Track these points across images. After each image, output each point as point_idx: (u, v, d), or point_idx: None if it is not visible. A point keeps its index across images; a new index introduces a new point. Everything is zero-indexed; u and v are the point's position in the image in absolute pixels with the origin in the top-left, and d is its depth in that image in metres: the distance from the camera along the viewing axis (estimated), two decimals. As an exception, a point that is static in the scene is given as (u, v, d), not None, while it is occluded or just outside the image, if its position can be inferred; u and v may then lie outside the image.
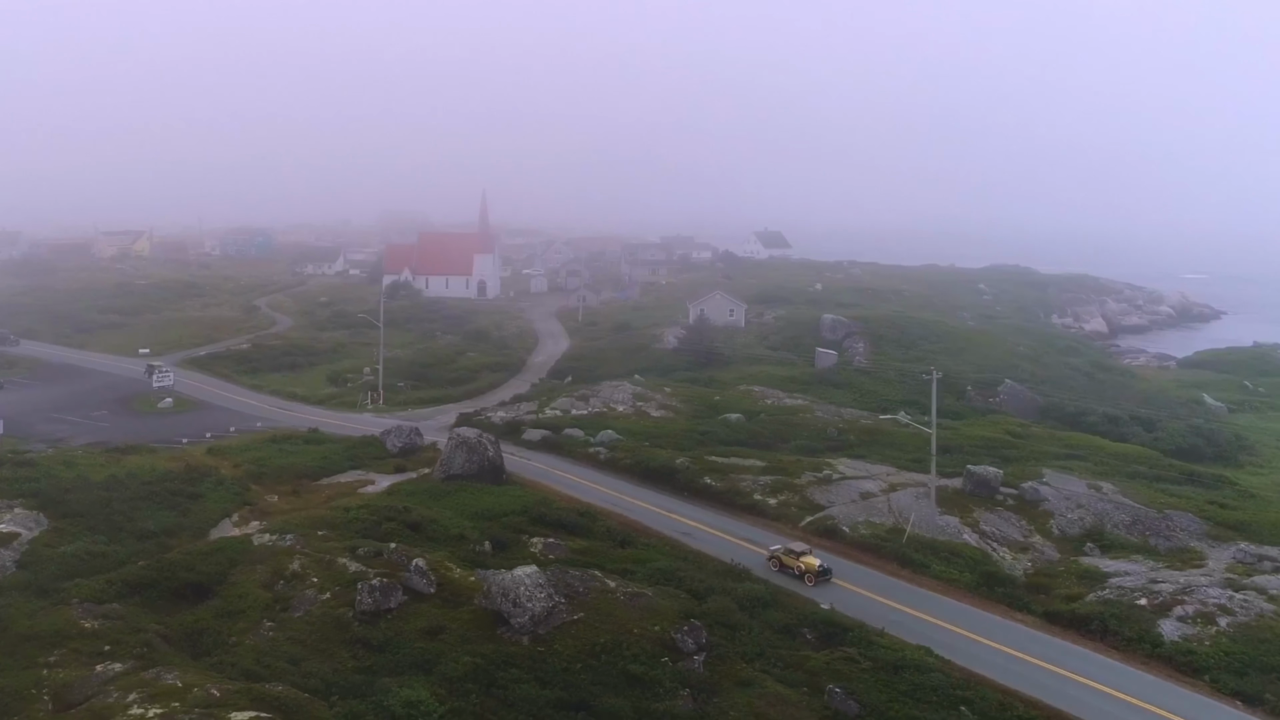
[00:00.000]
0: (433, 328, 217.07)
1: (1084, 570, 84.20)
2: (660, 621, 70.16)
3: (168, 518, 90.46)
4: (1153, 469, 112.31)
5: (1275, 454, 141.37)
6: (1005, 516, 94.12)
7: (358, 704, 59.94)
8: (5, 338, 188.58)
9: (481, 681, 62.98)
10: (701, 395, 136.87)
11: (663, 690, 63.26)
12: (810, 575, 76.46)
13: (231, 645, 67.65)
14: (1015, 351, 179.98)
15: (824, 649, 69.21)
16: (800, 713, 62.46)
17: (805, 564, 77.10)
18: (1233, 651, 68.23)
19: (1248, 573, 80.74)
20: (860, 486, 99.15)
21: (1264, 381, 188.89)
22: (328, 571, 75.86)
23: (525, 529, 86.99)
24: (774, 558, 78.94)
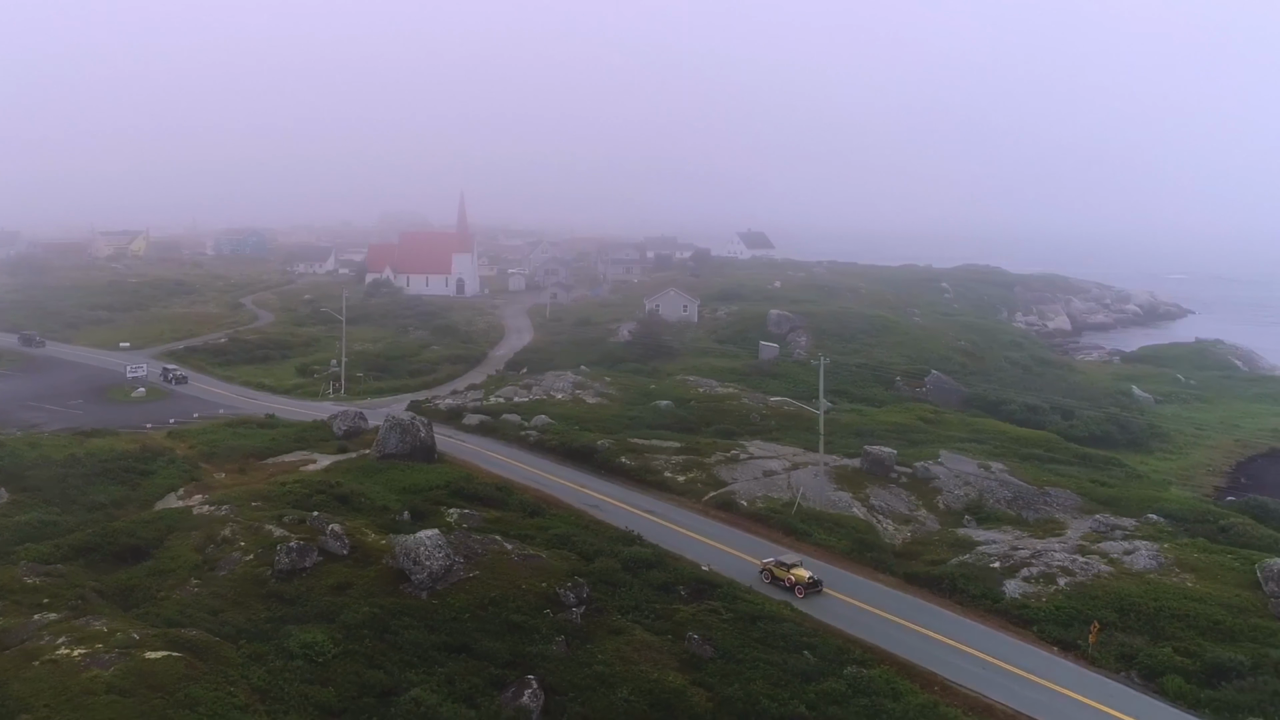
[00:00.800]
0: (406, 323, 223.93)
1: (957, 539, 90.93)
2: (548, 579, 77.01)
3: (118, 491, 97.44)
4: (1049, 451, 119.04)
5: (1188, 441, 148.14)
6: (896, 492, 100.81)
7: (261, 646, 66.98)
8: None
9: (376, 628, 69.84)
10: (637, 384, 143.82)
11: (540, 636, 70.13)
12: (800, 587, 75.19)
13: (159, 599, 74.48)
14: (954, 346, 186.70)
15: (694, 603, 75.93)
16: (661, 656, 69.36)
17: (795, 576, 75.76)
18: (1063, 606, 75.01)
19: (1098, 539, 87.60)
20: (765, 465, 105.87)
21: (1197, 375, 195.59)
22: (255, 536, 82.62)
23: (445, 501, 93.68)
24: (766, 570, 77.56)
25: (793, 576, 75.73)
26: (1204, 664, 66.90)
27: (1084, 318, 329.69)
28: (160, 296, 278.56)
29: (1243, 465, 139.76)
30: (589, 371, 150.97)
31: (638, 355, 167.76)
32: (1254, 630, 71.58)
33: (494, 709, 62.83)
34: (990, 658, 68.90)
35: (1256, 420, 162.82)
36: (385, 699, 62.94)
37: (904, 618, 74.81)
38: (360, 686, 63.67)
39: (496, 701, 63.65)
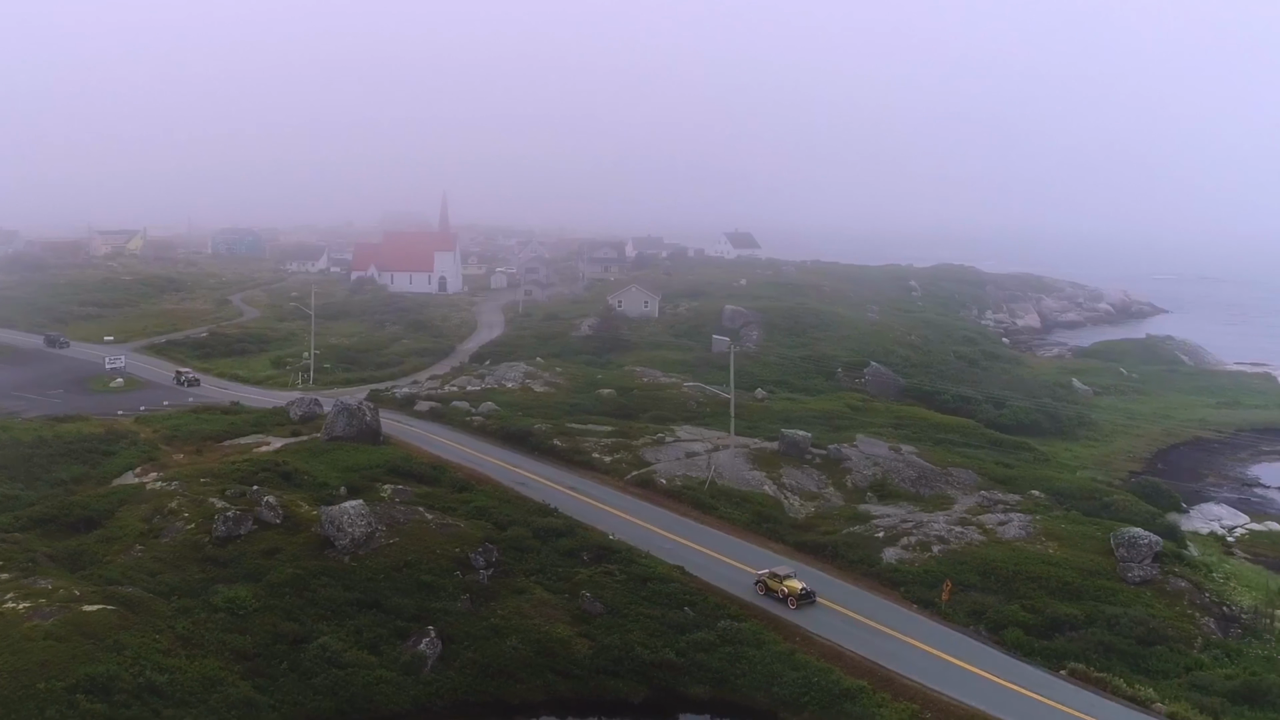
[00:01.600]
0: (383, 319, 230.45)
1: (855, 514, 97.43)
2: (462, 545, 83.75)
3: (79, 470, 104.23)
4: (964, 437, 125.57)
5: (1116, 430, 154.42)
6: (808, 472, 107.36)
7: (190, 601, 73.83)
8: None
9: (297, 586, 76.60)
10: (586, 374, 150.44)
11: (446, 594, 76.96)
12: (793, 598, 74.52)
13: (105, 563, 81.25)
14: (903, 340, 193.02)
15: (593, 566, 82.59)
16: (556, 612, 76.13)
17: (788, 587, 74.97)
18: (931, 569, 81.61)
19: (981, 512, 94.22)
20: (689, 448, 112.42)
21: (1142, 369, 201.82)
22: (198, 508, 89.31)
23: (383, 479, 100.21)
24: (760, 581, 76.83)
25: (785, 588, 74.91)
26: (1044, 619, 73.46)
27: (1055, 316, 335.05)
28: (151, 294, 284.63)
29: (1163, 453, 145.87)
30: (542, 362, 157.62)
31: (595, 348, 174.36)
32: (1098, 590, 78.14)
33: (394, 655, 69.63)
34: (855, 614, 75.42)
35: (1189, 411, 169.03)
36: (296, 646, 69.76)
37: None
38: (275, 636, 70.42)
39: (398, 649, 70.45)
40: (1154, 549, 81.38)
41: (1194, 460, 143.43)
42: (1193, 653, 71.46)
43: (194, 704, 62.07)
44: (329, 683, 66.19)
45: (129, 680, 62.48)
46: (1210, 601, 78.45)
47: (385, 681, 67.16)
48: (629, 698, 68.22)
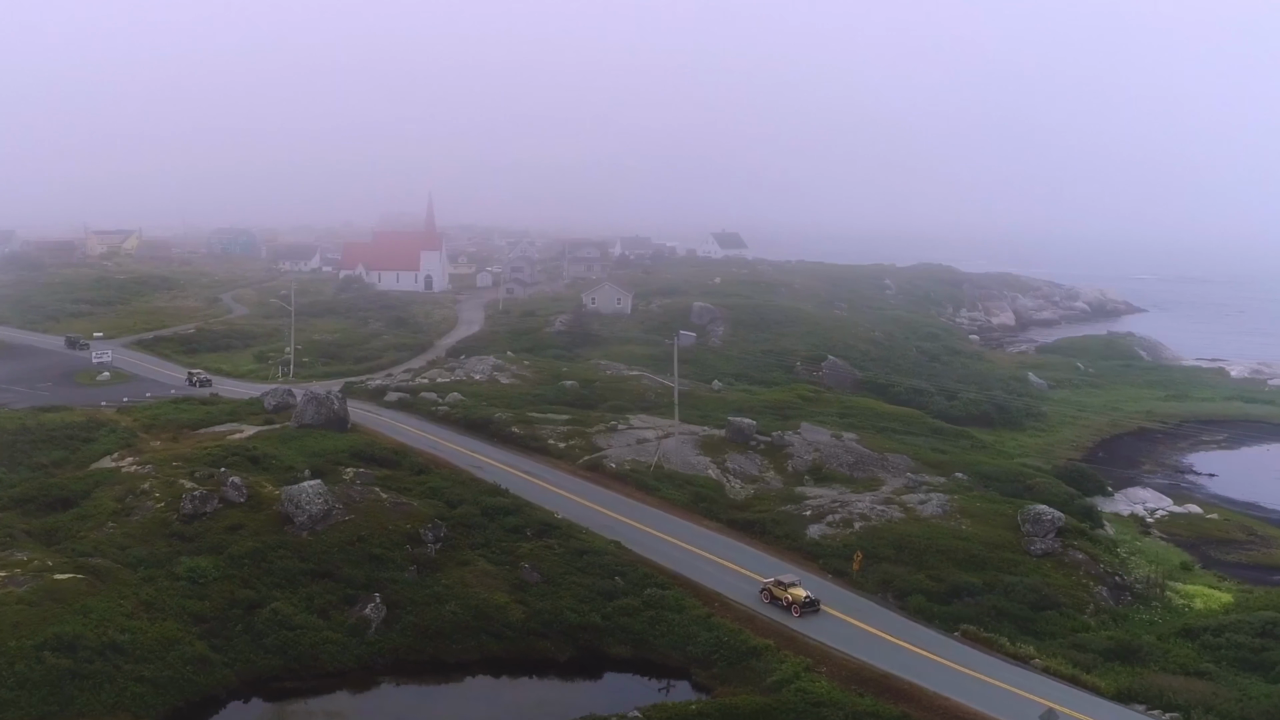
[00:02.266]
0: (367, 316, 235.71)
1: (791, 495, 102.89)
2: (413, 522, 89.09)
3: (59, 455, 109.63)
4: (907, 425, 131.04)
5: (1063, 421, 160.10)
6: (751, 457, 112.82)
7: (155, 571, 79.22)
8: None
9: (256, 558, 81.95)
10: (551, 367, 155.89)
11: (395, 566, 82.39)
12: (796, 606, 73.72)
13: (78, 538, 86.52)
14: (866, 336, 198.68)
15: (535, 540, 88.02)
16: (496, 582, 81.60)
17: (792, 595, 74.20)
18: (850, 544, 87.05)
19: (905, 493, 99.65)
20: (640, 435, 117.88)
21: (1100, 364, 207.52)
22: (169, 489, 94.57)
23: (346, 462, 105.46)
24: (765, 590, 75.96)
25: (789, 596, 74.19)
26: (946, 586, 78.98)
27: (1030, 314, 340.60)
28: (144, 292, 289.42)
29: (1106, 442, 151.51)
30: (512, 356, 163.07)
31: (566, 343, 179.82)
32: (1001, 561, 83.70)
33: (341, 619, 75.14)
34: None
35: (1138, 403, 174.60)
36: (251, 611, 75.25)
37: (712, 553, 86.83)
38: (231, 601, 75.93)
39: (345, 614, 75.94)
40: (1056, 525, 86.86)
41: (1135, 449, 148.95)
42: (1082, 617, 76.95)
43: (152, 660, 67.41)
44: (279, 642, 71.61)
45: (93, 639, 67.68)
46: (1105, 572, 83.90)
47: (331, 642, 72.61)
48: (556, 657, 73.69)
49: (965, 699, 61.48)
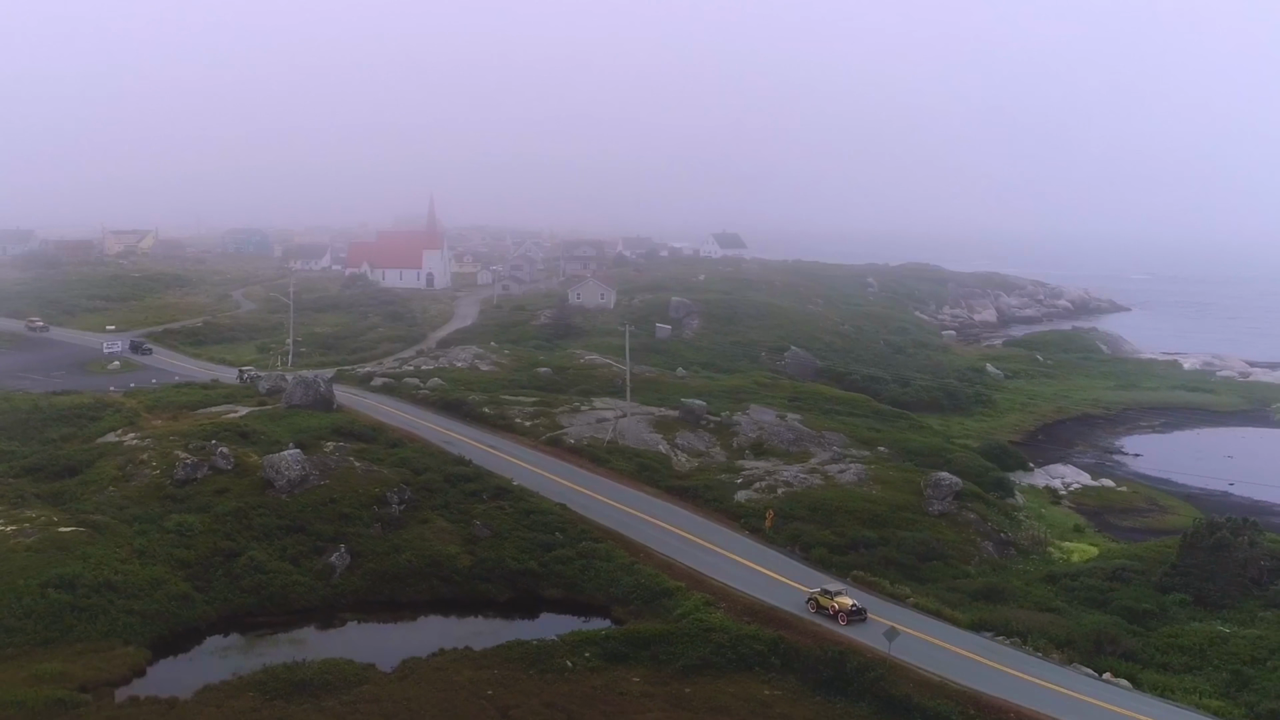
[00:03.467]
0: (367, 311, 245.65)
1: (731, 467, 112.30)
2: (381, 486, 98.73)
3: (67, 431, 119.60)
4: (852, 408, 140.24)
5: (1011, 407, 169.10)
6: (701, 435, 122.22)
7: (148, 525, 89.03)
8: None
9: (238, 516, 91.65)
10: (529, 356, 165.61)
11: (362, 523, 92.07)
12: (843, 615, 72.52)
13: (81, 499, 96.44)
14: (836, 329, 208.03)
15: (489, 503, 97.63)
16: (450, 536, 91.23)
17: (839, 604, 73.17)
18: (788, 514, 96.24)
19: (829, 464, 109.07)
20: (601, 415, 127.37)
21: (1060, 356, 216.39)
22: (164, 458, 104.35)
23: (328, 437, 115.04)
24: (811, 599, 74.99)
25: (836, 604, 73.17)
26: (847, 540, 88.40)
27: (1013, 312, 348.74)
28: (157, 289, 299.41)
29: (1048, 426, 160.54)
30: (494, 346, 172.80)
31: (549, 335, 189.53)
32: (901, 520, 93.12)
33: (310, 566, 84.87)
34: (694, 537, 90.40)
35: (1087, 392, 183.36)
36: (231, 558, 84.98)
37: (646, 513, 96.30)
38: (214, 551, 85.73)
39: (314, 562, 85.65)
40: (954, 489, 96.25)
41: (1074, 432, 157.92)
42: (965, 567, 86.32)
43: (142, 597, 77.16)
44: (253, 584, 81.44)
45: (91, 579, 77.45)
46: (992, 530, 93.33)
47: (299, 584, 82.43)
48: (497, 598, 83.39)
49: (831, 623, 70.77)
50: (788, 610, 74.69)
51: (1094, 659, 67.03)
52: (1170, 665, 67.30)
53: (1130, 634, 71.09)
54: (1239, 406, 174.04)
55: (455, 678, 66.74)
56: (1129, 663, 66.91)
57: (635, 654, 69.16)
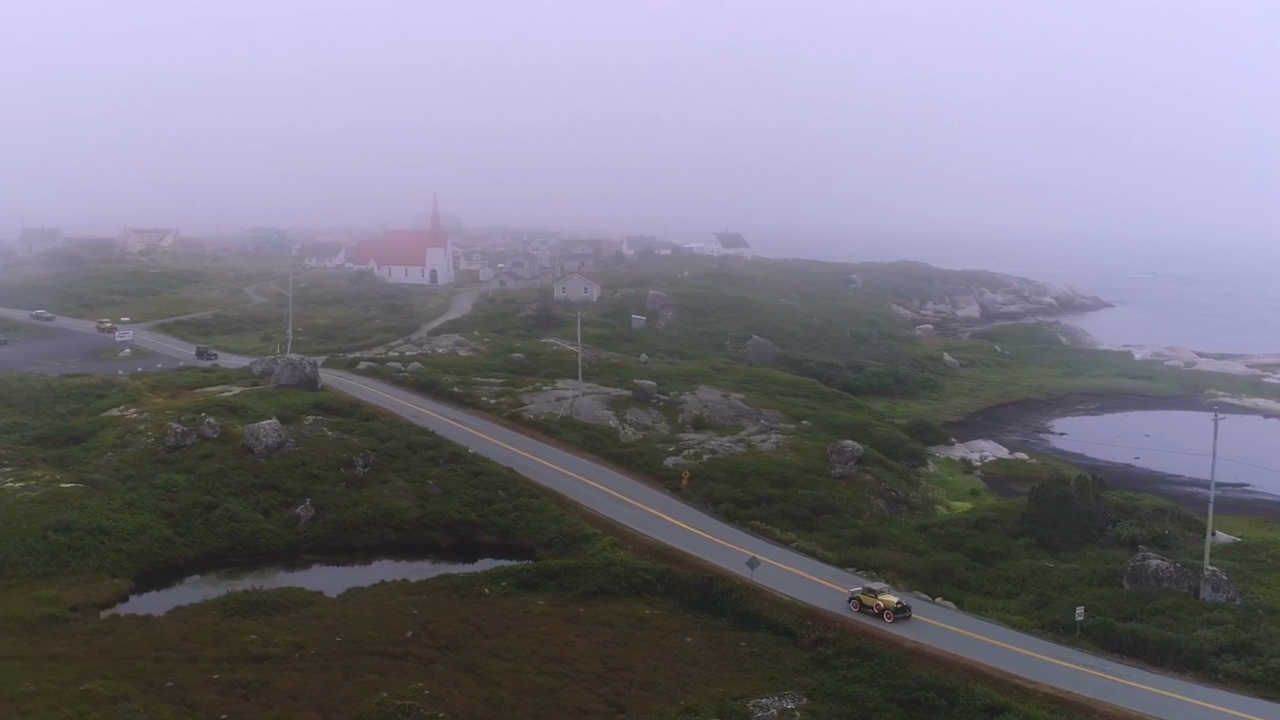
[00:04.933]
0: (369, 304, 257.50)
1: (672, 439, 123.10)
2: (349, 452, 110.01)
3: (75, 406, 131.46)
4: (796, 390, 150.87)
5: (958, 392, 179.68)
6: (650, 412, 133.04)
7: (139, 483, 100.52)
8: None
9: (219, 475, 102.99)
10: (505, 343, 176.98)
11: (327, 482, 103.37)
12: (889, 612, 71.53)
13: (83, 463, 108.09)
14: (805, 321, 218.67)
15: (444, 466, 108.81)
16: (405, 494, 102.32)
17: (884, 602, 72.14)
18: (694, 470, 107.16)
19: (754, 435, 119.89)
20: (560, 394, 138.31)
21: (1020, 347, 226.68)
22: (159, 429, 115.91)
23: (309, 412, 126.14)
24: (854, 599, 73.60)
25: (881, 603, 72.13)
26: (752, 496, 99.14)
27: (997, 307, 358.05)
28: (175, 284, 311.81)
29: (990, 409, 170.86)
30: (478, 335, 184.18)
31: (531, 325, 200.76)
32: (806, 481, 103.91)
33: (279, 516, 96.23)
34: (620, 494, 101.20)
35: (1035, 380, 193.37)
36: (209, 510, 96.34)
37: (582, 475, 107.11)
38: (195, 503, 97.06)
39: (283, 513, 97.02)
40: (856, 455, 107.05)
41: (1011, 415, 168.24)
42: (856, 520, 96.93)
43: (129, 539, 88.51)
44: (227, 530, 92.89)
45: (86, 524, 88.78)
46: (885, 489, 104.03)
47: (268, 531, 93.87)
48: (440, 543, 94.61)
49: (717, 560, 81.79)
50: (682, 549, 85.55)
51: (931, 587, 77.62)
52: (994, 591, 77.98)
53: (969, 569, 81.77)
54: (1173, 392, 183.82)
55: (389, 601, 77.95)
56: (961, 590, 77.51)
57: (544, 583, 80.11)
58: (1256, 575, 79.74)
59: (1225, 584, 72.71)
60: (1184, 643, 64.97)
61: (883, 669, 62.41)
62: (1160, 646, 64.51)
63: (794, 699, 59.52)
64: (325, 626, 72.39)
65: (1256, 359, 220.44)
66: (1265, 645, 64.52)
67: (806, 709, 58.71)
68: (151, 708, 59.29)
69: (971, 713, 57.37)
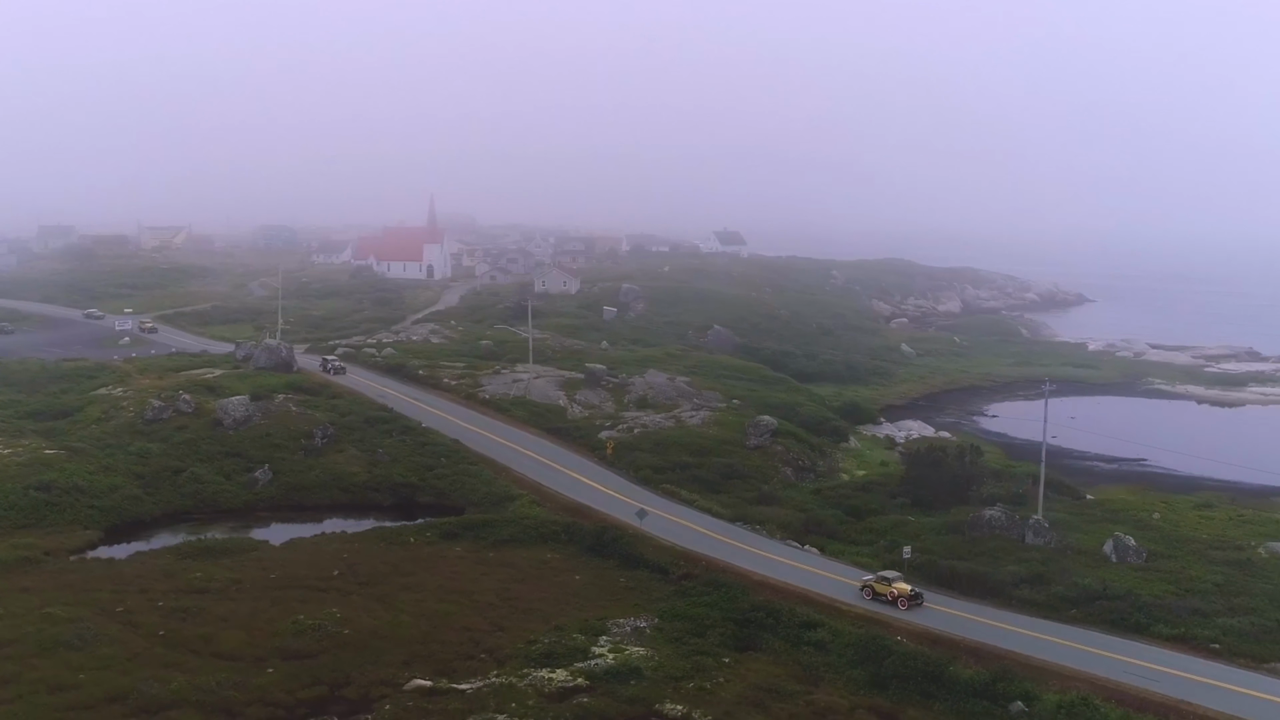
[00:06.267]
0: (362, 297, 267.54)
1: (614, 416, 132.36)
2: (310, 425, 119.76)
3: (67, 386, 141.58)
4: (742, 374, 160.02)
5: (907, 378, 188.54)
6: (599, 393, 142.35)
7: (116, 450, 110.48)
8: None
9: (189, 445, 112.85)
10: (475, 331, 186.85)
11: (288, 450, 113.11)
12: (903, 600, 72.02)
13: (68, 434, 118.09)
14: (772, 313, 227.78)
15: (396, 438, 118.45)
16: (357, 461, 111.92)
17: (898, 589, 72.55)
18: (625, 442, 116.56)
19: (687, 412, 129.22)
20: (516, 377, 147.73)
21: (978, 339, 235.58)
22: (140, 405, 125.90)
23: (280, 390, 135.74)
24: (866, 587, 73.91)
25: (895, 590, 72.56)
26: (670, 463, 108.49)
27: (979, 303, 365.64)
28: (183, 279, 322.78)
29: (934, 394, 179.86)
30: (454, 324, 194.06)
31: (509, 316, 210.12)
32: (721, 450, 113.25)
33: (239, 479, 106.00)
34: (551, 462, 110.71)
35: (985, 368, 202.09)
36: (177, 473, 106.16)
37: (522, 446, 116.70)
38: (164, 468, 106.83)
39: (244, 477, 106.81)
40: (770, 428, 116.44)
41: (953, 399, 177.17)
42: (762, 485, 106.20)
43: (102, 497, 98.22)
44: (191, 491, 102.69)
45: (64, 484, 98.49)
46: (793, 458, 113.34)
47: (228, 492, 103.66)
48: (383, 503, 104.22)
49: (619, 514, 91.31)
50: (593, 507, 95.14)
51: (803, 536, 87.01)
52: (857, 540, 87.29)
53: (842, 523, 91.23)
54: (1113, 379, 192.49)
55: (325, 548, 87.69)
56: (828, 539, 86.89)
57: (463, 534, 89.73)
58: (1085, 525, 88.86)
59: (1045, 530, 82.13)
60: (991, 575, 74.22)
61: (727, 596, 71.77)
62: (970, 578, 73.82)
63: (647, 619, 68.90)
64: (263, 567, 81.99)
65: (1205, 350, 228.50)
66: (1056, 577, 73.85)
67: (656, 626, 68.06)
68: (101, 626, 68.70)
69: (791, 628, 66.64)
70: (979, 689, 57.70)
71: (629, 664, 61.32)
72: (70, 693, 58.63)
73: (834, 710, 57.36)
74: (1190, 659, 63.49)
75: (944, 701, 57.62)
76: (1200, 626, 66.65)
